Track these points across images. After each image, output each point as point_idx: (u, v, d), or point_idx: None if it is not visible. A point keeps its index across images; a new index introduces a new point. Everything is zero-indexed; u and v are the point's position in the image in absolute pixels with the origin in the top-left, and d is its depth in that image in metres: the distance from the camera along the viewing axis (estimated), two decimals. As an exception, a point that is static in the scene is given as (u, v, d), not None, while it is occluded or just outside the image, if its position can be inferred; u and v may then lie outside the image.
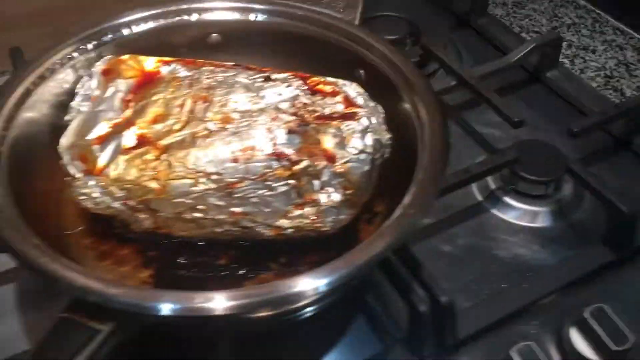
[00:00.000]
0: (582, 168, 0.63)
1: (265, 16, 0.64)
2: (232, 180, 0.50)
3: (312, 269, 0.43)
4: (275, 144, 0.50)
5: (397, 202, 0.48)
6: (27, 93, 0.55)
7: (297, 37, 0.63)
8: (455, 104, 0.77)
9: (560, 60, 0.81)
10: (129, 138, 0.52)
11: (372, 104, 0.55)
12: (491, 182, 0.68)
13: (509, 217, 0.66)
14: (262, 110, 0.53)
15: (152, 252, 0.53)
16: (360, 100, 0.55)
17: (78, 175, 0.51)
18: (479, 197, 0.67)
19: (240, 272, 0.52)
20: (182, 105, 0.53)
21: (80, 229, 0.54)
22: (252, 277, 0.52)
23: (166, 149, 0.51)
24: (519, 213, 0.66)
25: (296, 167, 0.50)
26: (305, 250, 0.53)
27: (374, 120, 0.54)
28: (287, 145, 0.51)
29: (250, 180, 0.50)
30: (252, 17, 0.64)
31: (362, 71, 0.61)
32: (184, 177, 0.50)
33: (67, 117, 0.56)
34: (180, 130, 0.52)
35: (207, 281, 0.51)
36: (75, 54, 0.59)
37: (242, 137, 0.51)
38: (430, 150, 0.51)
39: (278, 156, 0.50)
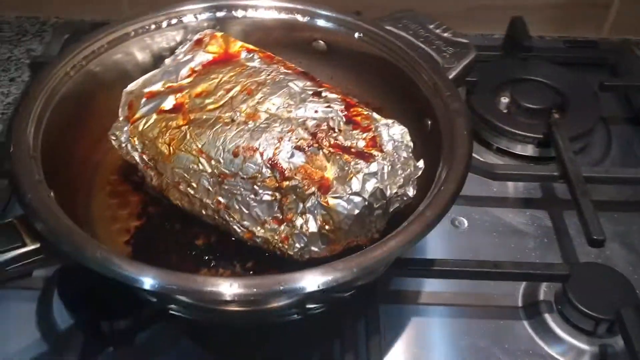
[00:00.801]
0: (635, 319, 0.52)
1: (367, 38, 0.63)
2: (226, 172, 0.51)
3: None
4: (275, 154, 0.50)
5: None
6: (126, 37, 0.62)
7: (388, 67, 0.61)
8: (562, 197, 0.68)
9: None
10: (169, 101, 0.56)
11: (404, 154, 0.52)
12: (542, 292, 0.59)
13: (541, 339, 0.56)
14: (287, 120, 0.53)
15: (151, 208, 0.57)
16: (388, 146, 0.52)
17: (121, 118, 0.57)
18: (519, 302, 0.59)
19: (205, 257, 0.53)
20: (228, 90, 0.56)
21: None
22: (210, 267, 0.53)
23: (190, 122, 0.54)
24: (555, 341, 0.56)
25: (285, 183, 0.50)
26: (274, 265, 0.52)
27: (388, 169, 0.50)
28: (287, 160, 0.50)
29: (241, 178, 0.51)
30: (356, 35, 0.64)
31: (429, 121, 0.57)
32: (189, 152, 0.52)
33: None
34: (212, 110, 0.54)
35: (172, 251, 0.54)
36: (187, 19, 0.64)
37: (254, 136, 0.52)
38: (424, 210, 0.48)
39: (273, 166, 0.50)
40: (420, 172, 0.53)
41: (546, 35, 0.93)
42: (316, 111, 0.53)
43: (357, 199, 0.49)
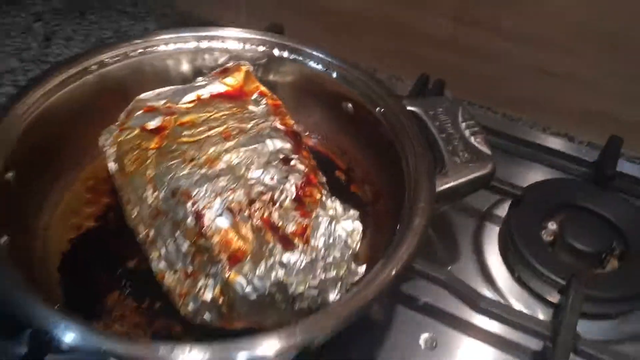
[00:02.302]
0: None
1: (386, 115, 0.59)
2: (160, 208, 0.51)
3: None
4: (205, 207, 0.49)
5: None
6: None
7: (393, 154, 0.56)
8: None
9: None
10: (156, 121, 0.57)
11: (337, 254, 0.48)
12: None
13: None
14: (238, 177, 0.51)
15: (112, 214, 0.58)
16: (318, 242, 0.48)
17: (118, 122, 0.59)
18: None
19: (124, 281, 0.53)
20: (211, 128, 0.55)
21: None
22: (121, 293, 0.52)
23: (160, 148, 0.54)
24: None
25: (201, 240, 0.49)
26: (177, 318, 0.51)
27: (302, 265, 0.47)
28: (212, 218, 0.49)
29: (169, 220, 0.51)
30: (377, 109, 0.59)
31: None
32: (142, 176, 0.53)
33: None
34: (183, 143, 0.54)
35: (103, 264, 0.54)
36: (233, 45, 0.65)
37: (198, 182, 0.51)
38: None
39: (197, 218, 0.49)
40: (356, 278, 0.49)
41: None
42: (272, 178, 0.51)
43: (257, 283, 0.47)
